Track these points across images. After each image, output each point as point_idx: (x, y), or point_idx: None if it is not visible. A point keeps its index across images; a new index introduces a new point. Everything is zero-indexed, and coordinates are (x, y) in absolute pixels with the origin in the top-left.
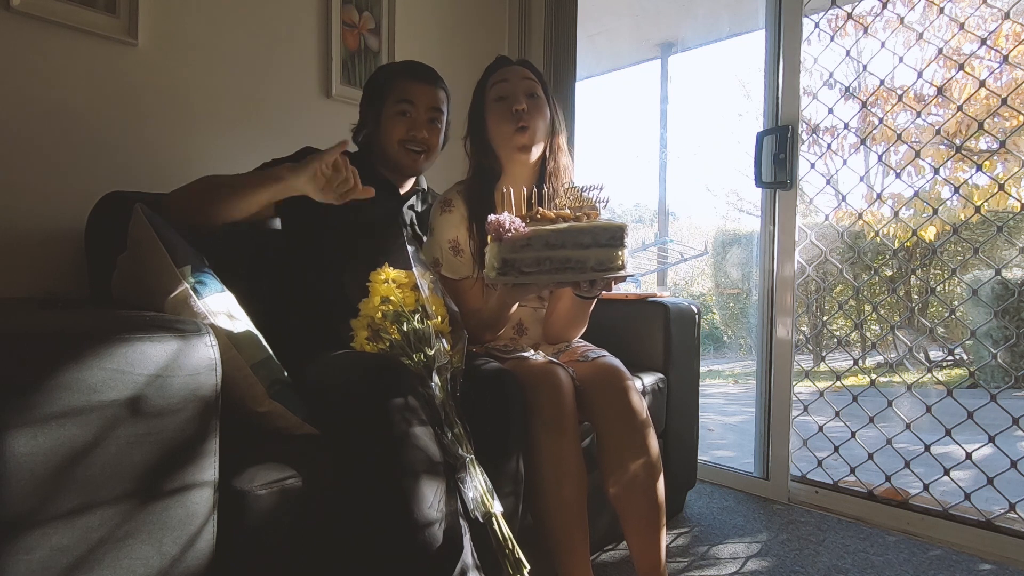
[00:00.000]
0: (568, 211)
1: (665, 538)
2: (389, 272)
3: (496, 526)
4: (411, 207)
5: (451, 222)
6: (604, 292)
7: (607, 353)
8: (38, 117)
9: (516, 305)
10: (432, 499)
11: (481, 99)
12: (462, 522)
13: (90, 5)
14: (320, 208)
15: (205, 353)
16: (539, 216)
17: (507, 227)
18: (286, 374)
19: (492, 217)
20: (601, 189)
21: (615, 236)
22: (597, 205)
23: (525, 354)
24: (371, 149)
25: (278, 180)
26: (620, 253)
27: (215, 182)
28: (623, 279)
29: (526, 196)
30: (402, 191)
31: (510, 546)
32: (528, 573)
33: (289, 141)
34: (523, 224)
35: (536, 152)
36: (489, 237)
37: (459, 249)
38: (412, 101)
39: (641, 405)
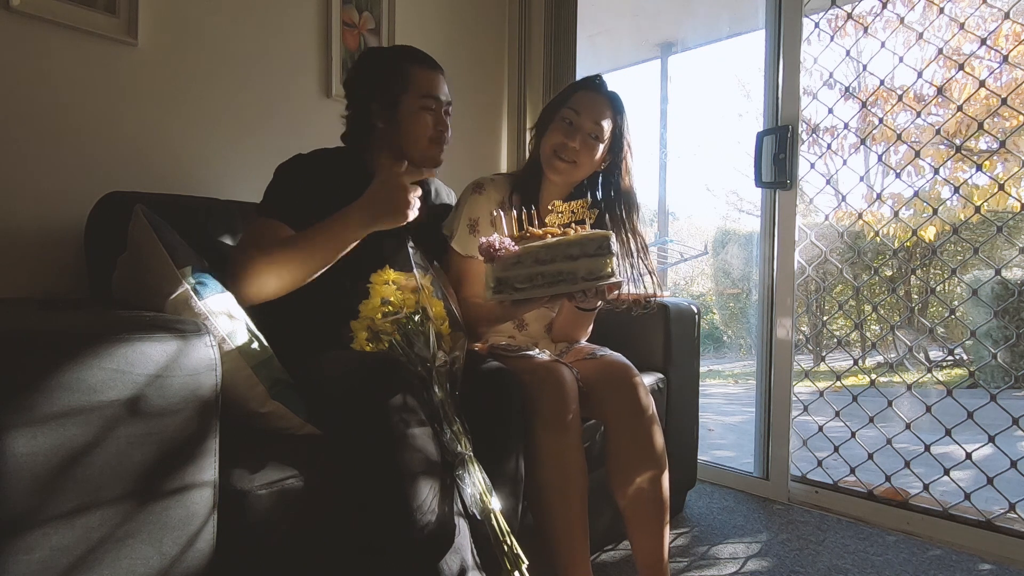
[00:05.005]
0: (557, 228)
1: (668, 536)
2: (390, 273)
3: (494, 522)
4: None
5: (478, 203)
6: (602, 303)
7: (613, 351)
8: (38, 117)
9: None
10: (429, 500)
11: (556, 109)
12: (460, 521)
13: (90, 5)
14: (316, 204)
15: (205, 353)
16: (529, 235)
17: (497, 247)
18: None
19: (483, 240)
20: (588, 206)
21: (601, 245)
22: (586, 220)
23: (530, 353)
24: (371, 145)
25: (364, 226)
26: (608, 261)
27: (281, 252)
28: (618, 287)
29: (525, 216)
30: None
31: (508, 542)
32: (526, 569)
33: (289, 141)
34: (513, 244)
35: (572, 181)
36: (482, 259)
37: (476, 229)
38: (435, 95)
39: (649, 401)
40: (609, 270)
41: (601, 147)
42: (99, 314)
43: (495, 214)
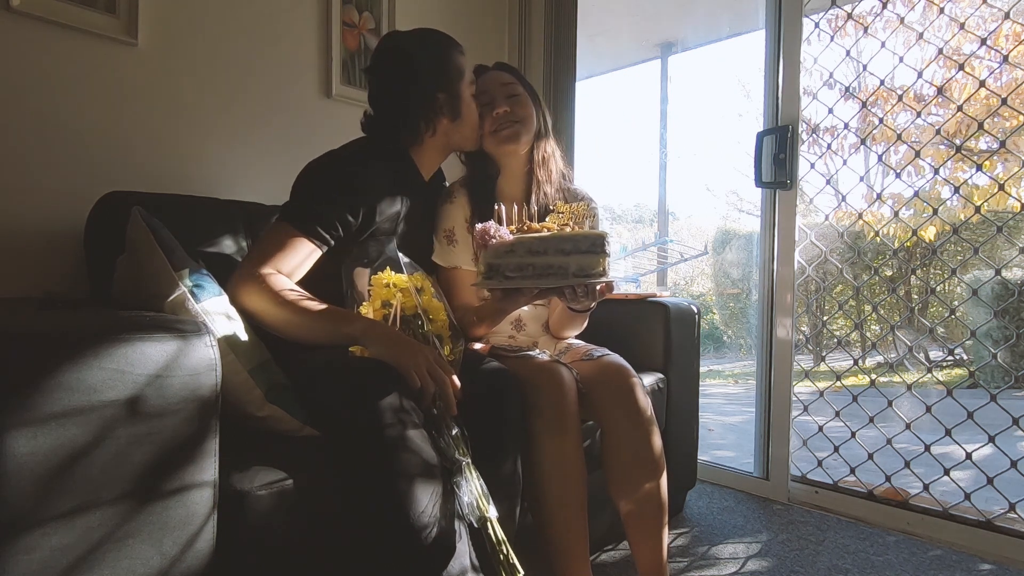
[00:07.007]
0: (555, 226)
1: (667, 538)
2: (390, 276)
3: (491, 530)
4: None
5: (449, 213)
6: (595, 305)
7: (610, 352)
8: (38, 117)
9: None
10: (427, 502)
11: None
12: (459, 525)
13: (90, 5)
14: (363, 218)
15: (205, 353)
16: (527, 230)
17: (492, 234)
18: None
19: (479, 225)
20: (590, 203)
21: (595, 243)
22: (585, 221)
23: (530, 353)
24: (422, 142)
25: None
26: (601, 260)
27: (281, 305)
28: (610, 288)
29: (524, 212)
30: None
31: (504, 551)
32: None
33: (289, 141)
34: (509, 233)
35: (525, 140)
36: (475, 245)
37: (453, 239)
38: (475, 80)
39: (647, 403)
40: (600, 269)
41: (528, 98)
42: (99, 314)
43: (497, 208)
